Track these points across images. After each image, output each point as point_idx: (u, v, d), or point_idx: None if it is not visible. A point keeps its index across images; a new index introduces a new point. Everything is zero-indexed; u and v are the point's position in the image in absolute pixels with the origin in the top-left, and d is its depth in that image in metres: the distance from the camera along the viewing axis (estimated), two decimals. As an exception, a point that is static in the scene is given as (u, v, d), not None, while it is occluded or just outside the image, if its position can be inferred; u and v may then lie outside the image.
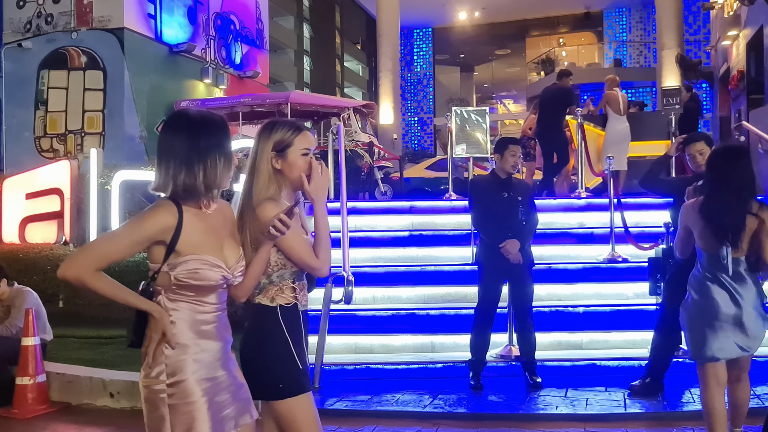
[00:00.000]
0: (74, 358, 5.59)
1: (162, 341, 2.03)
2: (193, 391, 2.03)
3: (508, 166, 4.94)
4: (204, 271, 2.04)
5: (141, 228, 2.03)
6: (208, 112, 2.19)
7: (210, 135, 2.07)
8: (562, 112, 8.98)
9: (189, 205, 2.07)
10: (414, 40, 28.18)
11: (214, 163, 2.05)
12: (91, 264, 1.98)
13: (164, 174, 2.06)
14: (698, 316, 3.38)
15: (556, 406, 4.57)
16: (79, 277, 1.97)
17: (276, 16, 22.74)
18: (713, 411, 3.32)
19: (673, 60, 16.85)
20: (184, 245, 2.03)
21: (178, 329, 2.04)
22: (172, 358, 2.03)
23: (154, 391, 2.03)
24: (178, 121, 2.12)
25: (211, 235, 2.10)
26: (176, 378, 2.03)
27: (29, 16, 12.63)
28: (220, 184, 2.09)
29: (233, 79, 15.22)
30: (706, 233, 3.32)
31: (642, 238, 6.49)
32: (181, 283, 2.04)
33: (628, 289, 6.16)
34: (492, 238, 4.86)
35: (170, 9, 13.29)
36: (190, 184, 2.03)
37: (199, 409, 2.03)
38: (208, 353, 2.08)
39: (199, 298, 2.07)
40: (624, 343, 5.60)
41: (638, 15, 25.23)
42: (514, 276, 4.93)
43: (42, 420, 4.72)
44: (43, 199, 8.48)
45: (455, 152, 8.28)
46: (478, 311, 5.01)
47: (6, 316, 5.24)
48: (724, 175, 3.33)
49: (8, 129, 12.53)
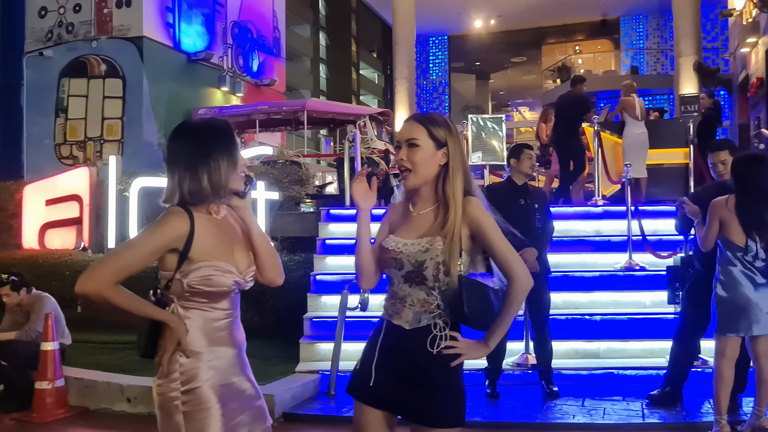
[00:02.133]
0: (92, 362, 5.64)
1: (177, 350, 2.03)
2: (208, 398, 2.03)
3: (526, 168, 4.93)
4: (217, 278, 2.04)
5: (157, 237, 2.03)
6: (212, 118, 2.22)
7: (212, 138, 2.08)
8: (578, 120, 8.95)
9: (199, 212, 2.07)
10: (430, 48, 28.23)
11: (217, 165, 2.05)
12: (110, 278, 1.98)
13: (171, 183, 2.08)
14: (724, 295, 3.90)
15: (573, 415, 4.53)
16: (98, 291, 1.98)
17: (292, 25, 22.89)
18: (723, 377, 3.88)
19: (691, 67, 16.71)
20: (197, 252, 2.03)
21: (192, 337, 2.04)
22: (187, 365, 2.03)
23: (169, 398, 2.03)
24: (181, 130, 2.14)
25: (222, 241, 2.10)
26: (191, 385, 2.03)
27: (50, 25, 12.84)
28: (226, 185, 2.08)
29: (250, 87, 15.33)
30: (736, 226, 3.86)
31: (660, 246, 6.43)
32: (194, 290, 2.04)
33: (645, 297, 6.10)
34: None
35: (188, 18, 13.44)
36: (195, 188, 2.04)
37: (213, 416, 2.02)
38: (222, 360, 2.08)
39: (211, 305, 2.07)
40: (642, 352, 5.55)
41: (655, 22, 25.09)
42: None
43: (60, 424, 4.76)
44: (63, 205, 8.57)
45: (471, 160, 8.28)
46: None
47: (25, 321, 5.30)
48: (749, 182, 3.87)
49: (29, 136, 12.71)
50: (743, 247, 3.84)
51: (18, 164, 12.52)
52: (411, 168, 2.10)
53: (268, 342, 6.39)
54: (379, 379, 2.11)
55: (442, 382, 2.06)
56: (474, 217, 2.07)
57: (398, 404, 2.10)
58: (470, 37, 26.95)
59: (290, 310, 6.52)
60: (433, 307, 2.07)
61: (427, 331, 2.07)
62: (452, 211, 2.04)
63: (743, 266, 3.85)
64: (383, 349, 2.13)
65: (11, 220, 9.08)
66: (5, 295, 5.29)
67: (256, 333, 6.84)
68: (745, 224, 3.84)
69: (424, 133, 2.10)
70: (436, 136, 2.10)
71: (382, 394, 2.11)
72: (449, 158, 2.10)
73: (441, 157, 2.10)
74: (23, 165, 12.54)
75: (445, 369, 2.06)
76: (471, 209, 2.07)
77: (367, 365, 2.15)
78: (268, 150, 9.13)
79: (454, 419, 2.08)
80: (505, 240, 2.10)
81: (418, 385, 2.06)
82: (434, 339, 2.06)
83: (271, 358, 5.79)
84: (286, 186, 8.26)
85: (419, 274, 2.06)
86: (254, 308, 6.84)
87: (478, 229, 2.08)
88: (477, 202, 2.10)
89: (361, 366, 2.18)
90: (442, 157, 2.10)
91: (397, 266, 2.10)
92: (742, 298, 3.83)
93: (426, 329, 2.07)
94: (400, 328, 2.10)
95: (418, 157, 2.09)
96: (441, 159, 2.10)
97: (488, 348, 2.12)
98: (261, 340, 6.49)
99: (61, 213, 8.55)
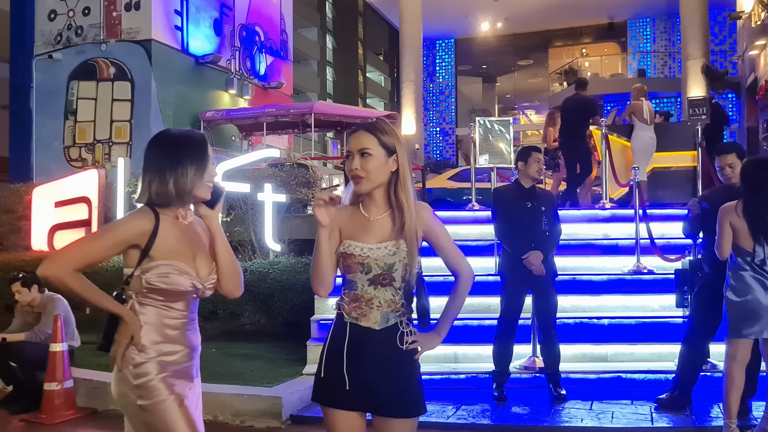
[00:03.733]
0: (100, 364, 5.65)
1: (130, 344, 2.10)
2: (159, 390, 2.10)
3: (533, 172, 4.93)
4: (173, 276, 2.12)
5: (119, 231, 2.14)
6: (190, 130, 2.32)
7: (183, 147, 2.19)
8: (584, 123, 8.93)
9: (166, 214, 2.16)
10: (436, 51, 28.23)
11: (184, 172, 2.14)
12: (70, 264, 2.07)
13: (142, 184, 2.18)
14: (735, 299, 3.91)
15: (581, 418, 4.52)
16: (57, 275, 2.05)
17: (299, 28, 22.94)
18: (733, 381, 3.89)
19: (699, 70, 16.66)
20: (158, 251, 2.11)
21: (144, 332, 2.12)
22: (138, 359, 2.10)
23: (124, 394, 2.11)
24: (158, 137, 2.27)
25: (185, 245, 2.18)
26: (142, 379, 2.10)
27: (60, 28, 12.91)
28: (191, 192, 2.16)
29: (258, 90, 15.37)
30: (744, 232, 3.86)
31: (668, 250, 6.41)
32: (151, 286, 2.12)
33: (654, 301, 6.09)
34: (515, 248, 4.84)
35: (196, 21, 13.49)
36: (162, 191, 2.14)
37: (170, 407, 2.10)
38: (173, 356, 2.16)
39: (167, 304, 2.15)
40: (650, 356, 5.53)
41: (662, 25, 25.02)
42: (537, 287, 4.90)
43: (69, 425, 4.78)
44: (72, 207, 8.63)
45: (478, 162, 8.27)
46: (501, 322, 4.99)
47: (36, 323, 5.33)
48: (758, 186, 3.86)
49: (38, 139, 12.77)
50: (752, 252, 3.85)
51: (27, 167, 12.59)
52: (364, 176, 2.18)
53: (276, 344, 6.41)
54: (353, 382, 2.16)
55: (412, 375, 2.22)
56: (426, 220, 2.23)
57: (374, 403, 2.18)
58: (477, 40, 26.93)
59: (297, 312, 6.53)
60: (399, 306, 2.20)
61: (395, 329, 2.19)
62: (408, 215, 2.17)
63: (753, 271, 3.86)
64: (351, 352, 2.18)
65: (20, 222, 9.14)
66: (17, 291, 5.31)
67: (264, 335, 6.91)
68: (754, 229, 3.84)
69: (375, 142, 2.18)
70: (387, 144, 2.19)
71: (358, 397, 2.17)
72: (398, 165, 2.20)
73: (392, 164, 2.20)
74: (32, 167, 12.60)
75: (411, 363, 2.22)
76: (424, 213, 2.23)
77: (335, 370, 2.18)
78: (275, 153, 9.13)
79: (422, 408, 2.24)
80: (451, 239, 2.30)
81: (392, 380, 2.17)
82: (402, 336, 2.20)
83: (279, 360, 5.80)
84: (294, 188, 8.28)
85: (388, 276, 2.18)
86: (262, 311, 6.87)
87: (431, 231, 2.25)
88: (427, 207, 2.27)
89: (326, 373, 2.21)
90: (392, 164, 2.20)
91: (363, 270, 2.18)
92: (754, 301, 3.84)
93: (394, 327, 2.19)
94: (368, 329, 2.18)
95: (371, 166, 2.18)
96: (392, 166, 2.20)
97: (440, 337, 2.28)
98: (268, 343, 6.53)
99: (70, 215, 8.61)
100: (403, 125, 18.50)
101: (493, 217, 5.07)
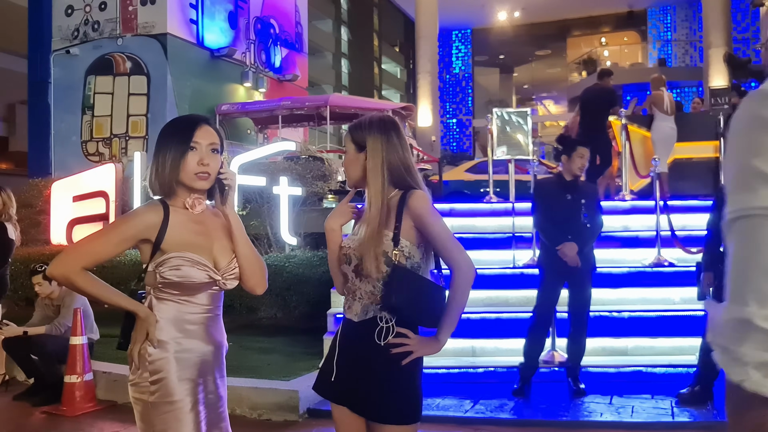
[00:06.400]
0: (119, 357, 5.66)
1: (145, 341, 2.03)
2: (174, 391, 2.02)
3: (575, 168, 4.86)
4: (186, 268, 2.02)
5: (125, 227, 2.07)
6: (186, 115, 2.24)
7: (163, 134, 2.11)
8: (605, 113, 8.81)
9: (175, 206, 2.09)
10: (453, 42, 28.06)
11: (163, 160, 2.05)
12: (78, 263, 2.01)
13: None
14: None
15: (600, 413, 4.46)
16: (66, 275, 2.00)
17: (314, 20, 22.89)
18: None
19: (721, 59, 16.39)
20: (169, 243, 2.03)
21: (161, 327, 2.03)
22: (155, 356, 2.03)
23: (140, 390, 2.04)
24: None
25: (199, 236, 2.09)
26: (158, 376, 2.02)
27: (77, 23, 12.98)
28: (171, 181, 2.06)
29: (273, 83, 15.37)
30: None
31: (689, 242, 6.31)
32: (165, 280, 2.03)
33: (674, 294, 6.00)
34: (551, 240, 4.79)
35: (212, 14, 13.50)
36: (152, 181, 2.09)
37: (181, 410, 2.01)
38: (192, 353, 2.06)
39: (185, 298, 2.06)
40: (671, 350, 5.45)
41: (683, 13, 24.64)
42: (574, 279, 4.83)
43: (89, 417, 4.82)
44: (89, 201, 8.69)
45: (496, 154, 8.20)
46: (535, 314, 4.92)
47: (55, 316, 5.38)
48: None
49: (57, 133, 12.88)
50: None
51: (46, 161, 12.71)
52: (345, 172, 2.25)
53: (293, 338, 6.42)
54: (339, 374, 2.15)
55: (393, 377, 2.08)
56: (414, 208, 2.11)
57: (354, 400, 2.13)
58: (494, 30, 26.73)
59: (314, 306, 6.53)
60: (378, 298, 2.11)
61: (374, 323, 2.10)
62: (374, 205, 2.12)
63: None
64: (342, 346, 2.18)
65: (40, 216, 9.23)
66: (37, 284, 5.36)
67: (281, 329, 6.92)
68: None
69: (349, 139, 2.21)
70: (357, 140, 2.18)
71: (342, 391, 2.15)
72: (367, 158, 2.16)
73: (363, 159, 2.17)
74: (51, 162, 12.71)
75: (395, 365, 2.07)
76: (412, 201, 2.11)
77: (329, 361, 2.19)
78: (290, 145, 9.12)
79: (404, 417, 2.09)
80: (447, 231, 2.13)
81: (368, 379, 2.09)
82: (380, 331, 2.09)
83: (296, 354, 5.80)
84: (309, 182, 8.26)
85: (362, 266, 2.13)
86: (278, 305, 6.87)
87: (420, 221, 2.11)
88: (420, 195, 2.13)
89: (325, 363, 2.24)
90: (364, 159, 2.17)
91: (347, 261, 2.18)
92: None
93: (372, 321, 2.10)
94: (350, 321, 2.17)
95: (345, 162, 2.24)
96: (363, 161, 2.17)
97: (440, 343, 2.13)
98: (285, 336, 6.53)
99: (88, 209, 8.67)
100: (420, 117, 18.43)
101: (532, 209, 5.04)
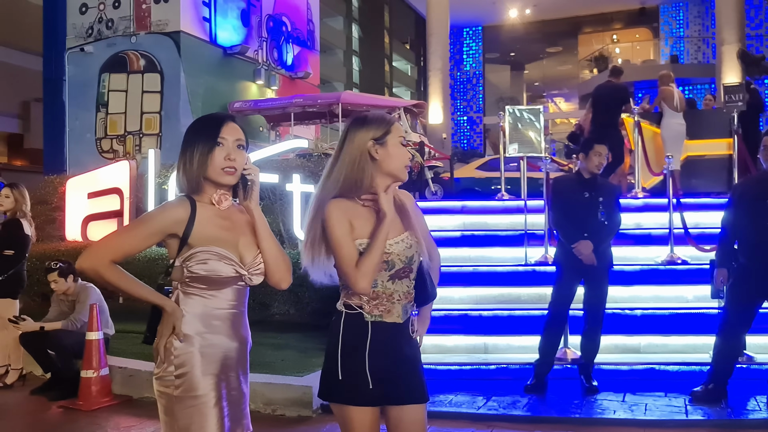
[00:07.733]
0: (135, 352, 5.75)
1: (171, 335, 2.05)
2: (198, 385, 2.03)
3: (592, 166, 4.83)
4: (213, 262, 2.05)
5: (154, 221, 2.09)
6: (214, 113, 2.26)
7: (191, 131, 2.14)
8: (617, 110, 8.78)
9: (202, 201, 2.11)
10: (464, 39, 27.98)
11: (191, 157, 2.08)
12: (107, 256, 2.04)
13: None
14: None
15: (614, 410, 4.47)
16: (95, 268, 2.03)
17: (325, 17, 22.93)
18: None
19: (734, 56, 16.24)
20: (196, 238, 2.06)
21: (187, 321, 2.06)
22: (180, 350, 2.05)
23: (165, 384, 2.06)
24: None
25: (226, 231, 2.11)
26: (183, 370, 2.04)
27: (91, 21, 13.07)
28: (198, 177, 2.09)
29: (285, 80, 15.41)
30: None
31: (702, 240, 6.30)
32: (192, 275, 2.06)
33: (688, 291, 5.99)
34: (567, 237, 4.79)
35: (224, 12, 13.56)
36: (179, 178, 2.13)
37: (205, 404, 2.03)
38: (217, 349, 2.08)
39: (212, 293, 2.08)
40: (684, 348, 5.45)
41: (696, 9, 24.44)
42: (591, 277, 4.83)
43: (105, 412, 4.88)
44: (104, 198, 8.76)
45: (508, 152, 8.20)
46: (551, 311, 4.93)
47: (71, 312, 5.44)
48: None
49: (71, 131, 12.99)
50: None
51: (61, 158, 12.82)
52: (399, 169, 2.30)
53: (306, 334, 6.45)
54: (375, 379, 2.14)
55: (420, 361, 2.30)
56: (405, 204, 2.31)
57: (395, 394, 2.19)
58: (505, 27, 26.63)
59: (327, 302, 6.55)
60: (411, 296, 2.24)
61: (409, 318, 2.24)
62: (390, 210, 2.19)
63: None
64: (374, 351, 2.14)
65: (55, 213, 9.32)
66: (53, 281, 5.43)
67: (294, 325, 6.95)
68: None
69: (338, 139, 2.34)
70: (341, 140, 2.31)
71: (381, 393, 2.15)
72: None
73: None
74: (66, 159, 12.82)
75: (418, 349, 2.31)
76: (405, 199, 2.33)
77: (356, 371, 2.14)
78: (303, 143, 9.16)
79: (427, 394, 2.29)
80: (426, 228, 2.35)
81: (411, 368, 2.23)
82: (413, 324, 2.26)
83: (309, 350, 5.84)
84: (322, 179, 8.29)
85: (408, 269, 2.20)
86: (291, 301, 6.92)
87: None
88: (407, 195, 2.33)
89: (345, 374, 2.14)
90: None
91: (387, 267, 2.15)
92: None
93: (409, 317, 2.24)
94: (393, 324, 2.18)
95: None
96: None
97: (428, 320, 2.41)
98: (298, 333, 6.57)
99: (103, 206, 8.74)
100: (430, 114, 18.40)
101: (549, 207, 5.03)
